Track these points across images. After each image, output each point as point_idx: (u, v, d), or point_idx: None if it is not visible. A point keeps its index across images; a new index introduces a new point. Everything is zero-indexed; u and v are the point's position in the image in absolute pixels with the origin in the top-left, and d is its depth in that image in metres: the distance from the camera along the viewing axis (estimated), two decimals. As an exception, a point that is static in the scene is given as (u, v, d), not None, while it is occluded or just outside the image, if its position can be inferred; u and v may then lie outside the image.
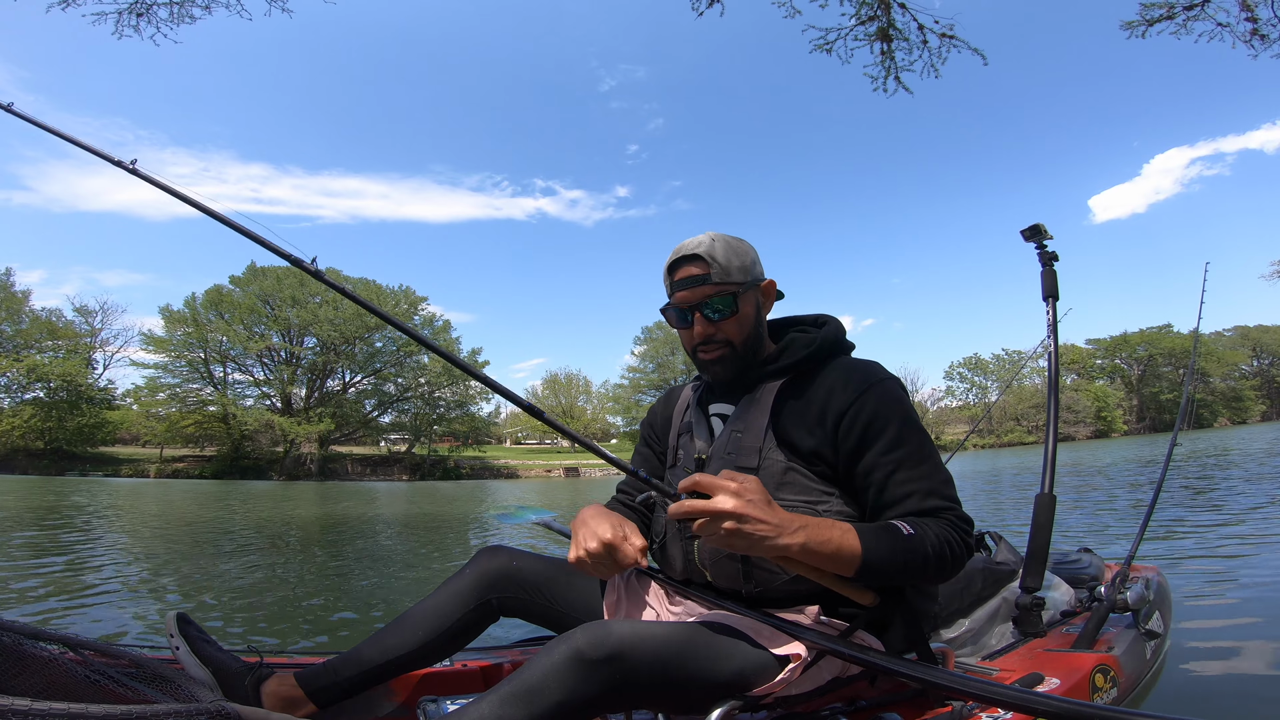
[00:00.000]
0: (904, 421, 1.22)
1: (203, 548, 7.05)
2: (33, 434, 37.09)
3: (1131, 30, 5.49)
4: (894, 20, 5.37)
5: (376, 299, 43.39)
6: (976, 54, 5.32)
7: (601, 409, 62.47)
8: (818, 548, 1.05)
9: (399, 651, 1.34)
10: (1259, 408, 66.62)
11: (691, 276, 1.29)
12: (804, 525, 1.06)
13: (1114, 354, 67.30)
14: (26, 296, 40.16)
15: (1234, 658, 2.43)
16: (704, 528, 1.02)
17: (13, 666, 0.99)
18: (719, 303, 1.29)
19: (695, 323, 1.31)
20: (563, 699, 0.96)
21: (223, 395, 40.73)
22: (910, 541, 1.09)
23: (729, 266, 1.29)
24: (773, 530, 1.02)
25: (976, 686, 1.00)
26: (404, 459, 44.58)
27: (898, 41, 5.44)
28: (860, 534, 1.09)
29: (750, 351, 1.34)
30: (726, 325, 1.31)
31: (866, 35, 5.48)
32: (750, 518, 1.01)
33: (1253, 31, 5.24)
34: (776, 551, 1.04)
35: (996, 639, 1.87)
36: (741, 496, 1.01)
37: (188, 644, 1.29)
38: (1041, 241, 2.31)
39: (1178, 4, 5.29)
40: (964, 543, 1.15)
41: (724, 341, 1.31)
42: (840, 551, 1.07)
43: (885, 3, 5.34)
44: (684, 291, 1.30)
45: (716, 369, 1.34)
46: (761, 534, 1.02)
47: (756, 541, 1.02)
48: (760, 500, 1.03)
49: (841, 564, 1.08)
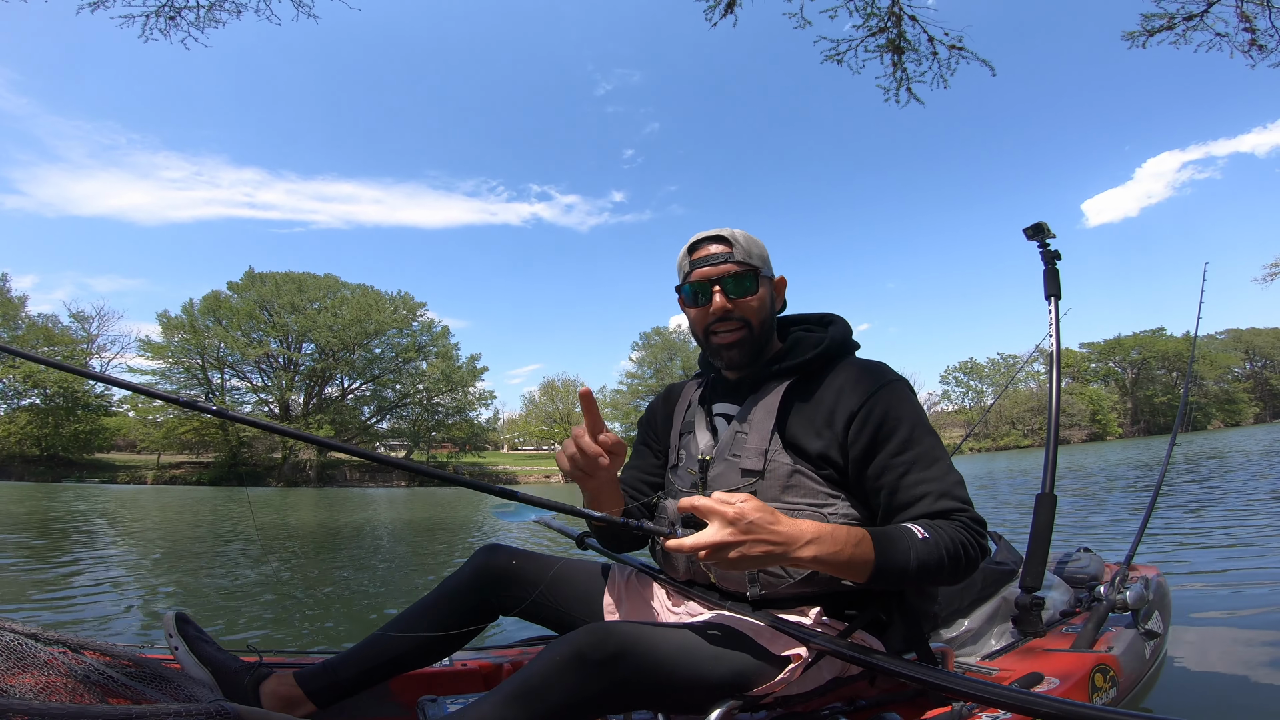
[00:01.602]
0: (915, 423, 1.21)
1: (202, 549, 7.02)
2: (29, 440, 36.96)
3: (1133, 40, 5.55)
4: (905, 33, 5.42)
5: (375, 306, 43.39)
6: (985, 65, 5.41)
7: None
8: (830, 559, 1.04)
9: (398, 651, 1.33)
10: (1252, 410, 66.99)
11: (714, 254, 1.30)
12: (815, 538, 1.03)
13: (1108, 357, 67.57)
14: (23, 302, 40.14)
15: (1233, 658, 2.43)
16: (709, 558, 1.01)
17: (13, 666, 0.98)
18: (741, 280, 1.29)
19: (714, 298, 1.29)
20: (563, 699, 0.96)
21: (221, 401, 40.63)
22: (925, 545, 1.08)
23: (750, 249, 1.31)
24: (780, 548, 1.01)
25: (976, 687, 1.00)
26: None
27: (908, 53, 5.49)
28: (874, 540, 1.07)
29: (764, 338, 1.34)
30: (746, 304, 1.30)
31: (877, 47, 5.53)
32: (752, 541, 0.99)
33: (1251, 42, 5.29)
34: (788, 564, 1.04)
35: (996, 639, 1.86)
36: (739, 524, 0.99)
37: (187, 644, 1.28)
38: (1044, 240, 2.31)
39: (1178, 15, 5.35)
40: (978, 544, 1.13)
41: (741, 320, 1.30)
42: (854, 560, 1.05)
43: (896, 15, 5.38)
44: (706, 267, 1.30)
45: (731, 353, 1.32)
46: (769, 553, 1.00)
47: (765, 561, 1.01)
48: (762, 520, 1.00)
49: (855, 572, 1.07)
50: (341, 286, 44.32)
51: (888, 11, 5.41)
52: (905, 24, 5.42)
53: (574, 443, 1.18)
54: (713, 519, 1.00)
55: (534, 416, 62.59)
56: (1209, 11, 5.26)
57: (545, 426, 61.50)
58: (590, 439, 1.17)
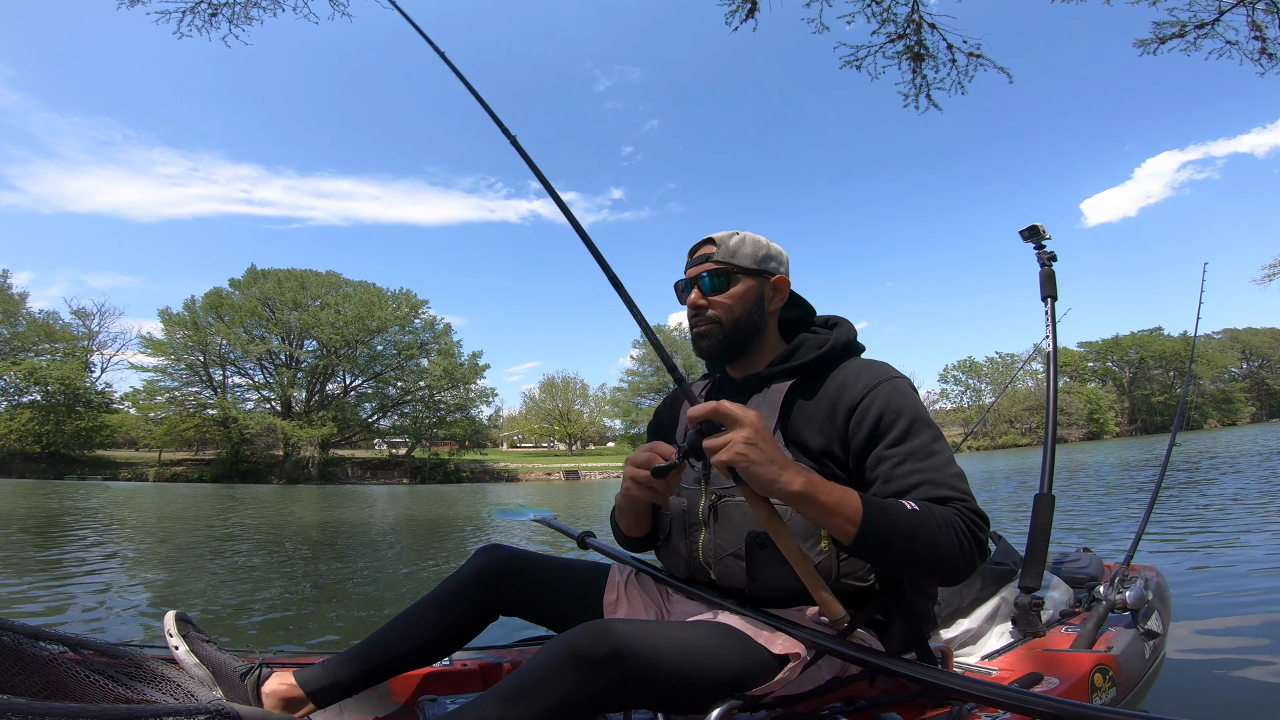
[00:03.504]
0: (915, 416, 1.21)
1: (203, 549, 7.04)
2: (30, 437, 36.97)
3: (1144, 47, 5.59)
4: (924, 39, 5.45)
5: (378, 303, 43.46)
6: (1003, 72, 5.45)
7: (599, 412, 62.50)
8: (820, 495, 1.05)
9: (398, 651, 1.34)
10: (1248, 410, 67.25)
11: (700, 255, 1.39)
12: (806, 471, 1.07)
13: (1105, 357, 67.68)
14: (23, 299, 40.10)
15: (1232, 658, 2.44)
16: (718, 443, 1.05)
17: (13, 666, 0.99)
18: (714, 278, 1.36)
19: (691, 293, 1.38)
20: (562, 698, 0.96)
21: (223, 399, 40.66)
22: (914, 517, 1.06)
23: (736, 251, 1.36)
24: (777, 466, 1.04)
25: (975, 687, 1.00)
26: (404, 462, 44.54)
27: (927, 60, 5.53)
28: (863, 498, 1.07)
29: (740, 333, 1.37)
30: (719, 301, 1.36)
31: (896, 53, 5.56)
32: (763, 446, 1.04)
33: (1261, 50, 5.32)
34: (780, 486, 1.04)
35: (996, 639, 1.86)
36: (758, 427, 1.06)
37: (187, 644, 1.28)
38: (1040, 242, 2.32)
39: (1189, 23, 5.38)
40: (975, 536, 1.09)
41: (713, 318, 1.36)
42: (842, 505, 1.05)
43: (916, 23, 5.41)
44: (692, 267, 1.40)
45: (704, 343, 1.38)
46: (771, 463, 1.04)
47: (765, 467, 1.03)
48: (768, 436, 1.07)
49: (843, 520, 1.05)
50: (344, 284, 44.36)
51: (906, 19, 5.44)
52: (925, 31, 5.45)
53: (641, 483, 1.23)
54: (734, 413, 1.06)
55: (534, 414, 62.68)
56: (1220, 20, 5.29)
57: (545, 424, 61.58)
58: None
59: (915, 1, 5.37)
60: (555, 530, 1.97)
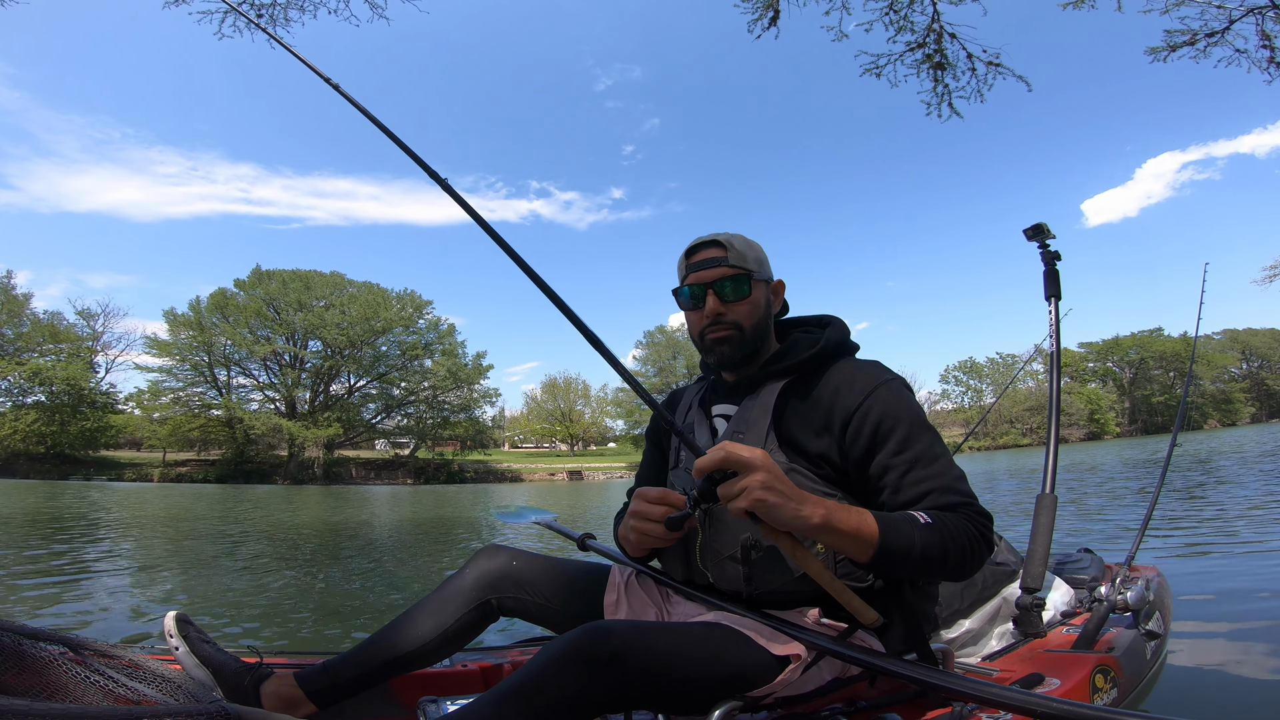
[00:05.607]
0: (913, 421, 1.21)
1: (204, 550, 7.05)
2: (34, 438, 37.09)
3: (1155, 55, 5.64)
4: (945, 49, 5.49)
5: (382, 304, 43.55)
6: (1021, 80, 5.50)
7: (600, 412, 62.52)
8: (837, 522, 1.05)
9: (398, 651, 1.34)
10: (1248, 410, 67.25)
11: (709, 259, 1.34)
12: (823, 502, 1.07)
13: (1106, 357, 67.65)
14: (28, 299, 40.26)
15: (1233, 658, 2.43)
16: (733, 491, 1.03)
17: (13, 666, 0.99)
18: (733, 284, 1.32)
19: (708, 300, 1.33)
20: (562, 699, 0.95)
21: (227, 399, 40.76)
22: (929, 530, 1.09)
23: (745, 254, 1.33)
24: (794, 501, 1.04)
25: (976, 687, 1.00)
26: (408, 463, 44.63)
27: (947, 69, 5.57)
28: (877, 518, 1.09)
29: (757, 339, 1.35)
30: (738, 307, 1.33)
31: (915, 62, 5.61)
32: (779, 485, 1.03)
33: (1270, 59, 5.35)
34: (802, 522, 1.04)
35: (997, 639, 1.86)
36: (767, 465, 1.04)
37: (187, 644, 1.29)
38: (1044, 241, 2.30)
39: (1200, 31, 5.43)
40: (983, 537, 1.13)
41: (733, 324, 1.33)
42: (860, 530, 1.06)
43: (937, 33, 5.44)
44: (700, 271, 1.34)
45: (723, 349, 1.34)
46: (788, 498, 1.03)
47: (785, 507, 1.03)
48: (784, 475, 1.06)
49: (860, 543, 1.07)
50: (348, 284, 44.45)
51: (927, 29, 5.47)
52: (945, 41, 5.49)
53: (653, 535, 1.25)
54: (743, 456, 1.03)
55: (536, 414, 62.71)
56: (1230, 29, 5.33)
57: (547, 424, 61.61)
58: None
59: (935, 10, 5.40)
60: (556, 533, 1.96)
